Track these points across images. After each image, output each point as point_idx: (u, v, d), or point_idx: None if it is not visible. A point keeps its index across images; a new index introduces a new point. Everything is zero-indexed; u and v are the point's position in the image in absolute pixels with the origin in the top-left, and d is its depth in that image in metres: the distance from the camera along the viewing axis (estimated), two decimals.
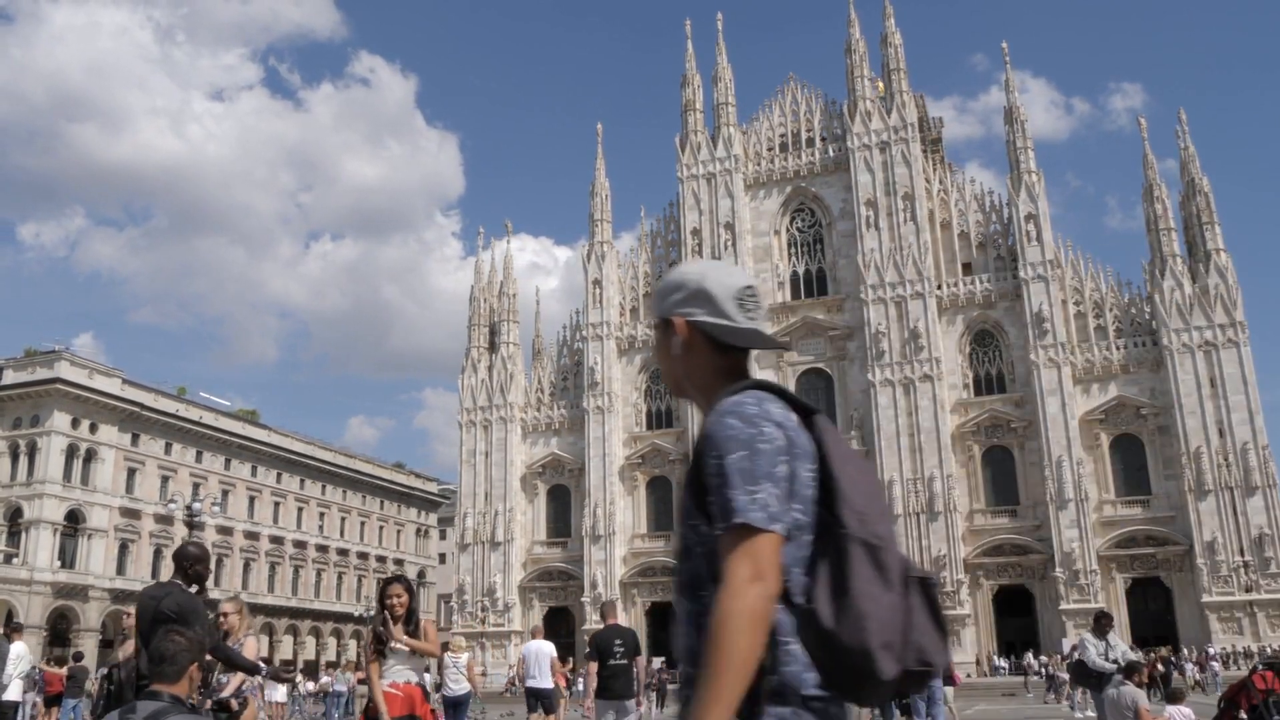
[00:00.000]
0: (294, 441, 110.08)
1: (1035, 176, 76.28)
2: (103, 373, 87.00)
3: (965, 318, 76.52)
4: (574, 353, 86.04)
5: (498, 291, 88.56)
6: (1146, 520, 69.59)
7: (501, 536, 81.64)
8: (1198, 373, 69.61)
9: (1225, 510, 66.77)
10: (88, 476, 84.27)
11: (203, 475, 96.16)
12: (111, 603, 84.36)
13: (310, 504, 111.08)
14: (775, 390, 2.72)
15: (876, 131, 79.96)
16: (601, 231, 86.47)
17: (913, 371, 74.39)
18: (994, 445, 74.09)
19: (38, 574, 78.42)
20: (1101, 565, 68.73)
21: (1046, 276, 73.46)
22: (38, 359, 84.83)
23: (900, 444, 73.70)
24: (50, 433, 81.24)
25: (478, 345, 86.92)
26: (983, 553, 71.80)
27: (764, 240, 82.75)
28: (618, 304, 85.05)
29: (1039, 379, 71.93)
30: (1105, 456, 71.57)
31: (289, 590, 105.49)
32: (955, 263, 78.20)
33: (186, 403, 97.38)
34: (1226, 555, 65.92)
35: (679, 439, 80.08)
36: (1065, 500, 69.38)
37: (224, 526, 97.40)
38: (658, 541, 79.67)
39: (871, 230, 78.17)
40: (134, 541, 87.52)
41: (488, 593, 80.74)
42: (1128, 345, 72.60)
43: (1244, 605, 65.02)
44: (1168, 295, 71.22)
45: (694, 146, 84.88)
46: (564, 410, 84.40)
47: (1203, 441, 68.05)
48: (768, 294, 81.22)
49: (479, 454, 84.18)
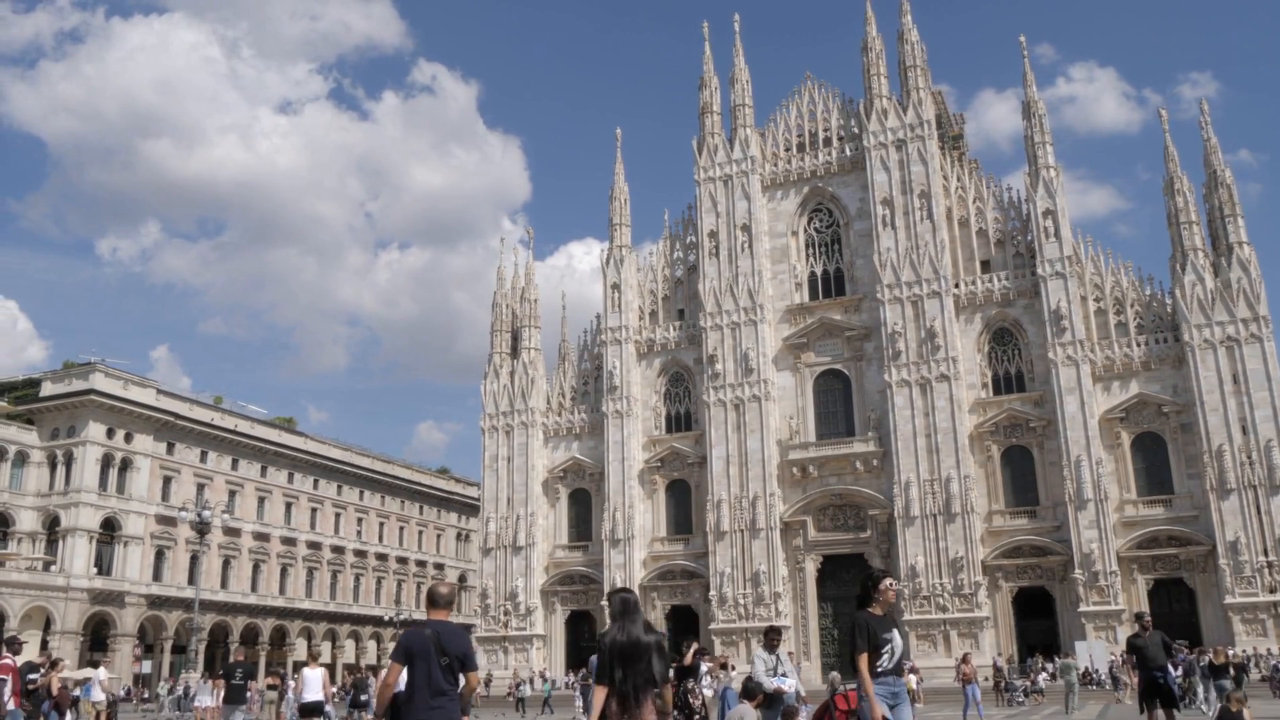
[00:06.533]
0: (330, 448, 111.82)
1: (1053, 172, 75.05)
2: (137, 383, 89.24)
3: (984, 316, 75.50)
4: (594, 357, 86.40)
5: (520, 297, 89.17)
6: (1169, 520, 68.09)
7: (523, 541, 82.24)
8: (1220, 369, 67.97)
9: (1248, 509, 65.12)
10: (123, 485, 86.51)
11: (239, 482, 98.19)
12: (148, 609, 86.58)
13: (348, 509, 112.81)
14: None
15: (893, 130, 79.22)
16: (620, 235, 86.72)
17: (930, 371, 73.61)
18: (1013, 445, 72.98)
19: (74, 581, 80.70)
20: (1123, 566, 67.45)
21: (1065, 273, 72.23)
22: (74, 371, 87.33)
23: (917, 445, 72.95)
24: (86, 443, 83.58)
25: (500, 351, 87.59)
26: (1001, 554, 70.81)
27: (781, 241, 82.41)
28: (637, 308, 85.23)
29: (1057, 377, 70.77)
30: (1126, 455, 70.18)
31: (327, 595, 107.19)
32: (974, 261, 77.19)
33: (222, 411, 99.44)
34: (1250, 555, 64.32)
35: (697, 442, 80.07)
36: (1085, 500, 68.19)
37: (260, 533, 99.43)
38: (677, 545, 79.80)
39: (888, 229, 77.47)
40: (170, 548, 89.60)
41: (510, 597, 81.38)
42: (1149, 342, 71.13)
43: (1268, 606, 63.37)
44: (1189, 290, 69.66)
45: (711, 149, 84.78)
46: (584, 415, 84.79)
47: (1225, 439, 66.43)
48: (785, 295, 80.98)
49: (501, 459, 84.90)
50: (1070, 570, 68.04)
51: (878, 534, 74.05)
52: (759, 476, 76.33)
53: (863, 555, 74.46)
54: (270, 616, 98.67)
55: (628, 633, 9.24)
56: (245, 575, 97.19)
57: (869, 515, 74.52)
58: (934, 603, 69.63)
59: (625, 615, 9.36)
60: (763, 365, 78.40)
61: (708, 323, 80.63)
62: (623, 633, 9.23)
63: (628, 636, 9.21)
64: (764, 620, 72.97)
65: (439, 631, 9.44)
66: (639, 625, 9.33)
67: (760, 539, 75.13)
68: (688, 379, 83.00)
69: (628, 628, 9.27)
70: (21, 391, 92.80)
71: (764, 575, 74.08)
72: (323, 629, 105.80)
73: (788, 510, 75.86)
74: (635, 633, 9.26)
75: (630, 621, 9.31)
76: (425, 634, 9.37)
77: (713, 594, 75.37)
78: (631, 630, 9.26)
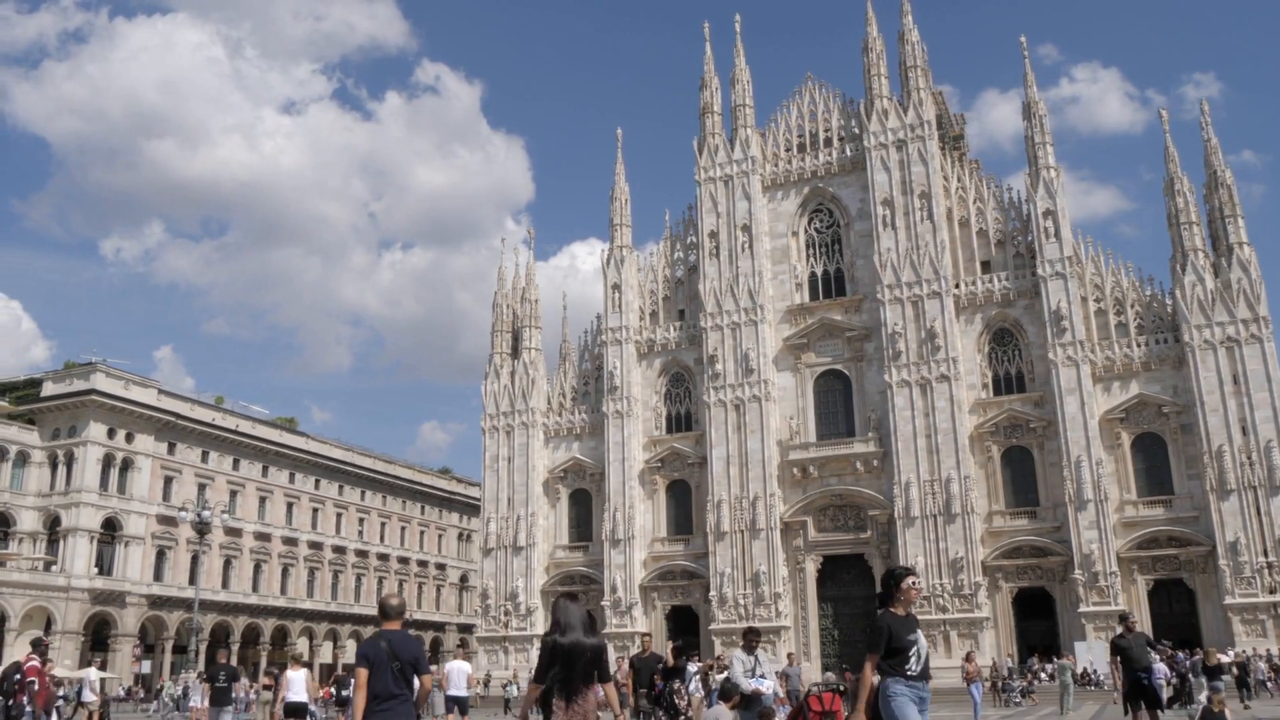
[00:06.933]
0: (332, 448, 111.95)
1: (1054, 172, 75.01)
2: (138, 383, 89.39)
3: (984, 316, 75.47)
4: (595, 357, 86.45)
5: (520, 297, 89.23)
6: (1169, 521, 68.02)
7: (524, 541, 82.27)
8: (1220, 369, 67.91)
9: (1248, 510, 65.04)
10: (124, 485, 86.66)
11: (240, 483, 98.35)
12: (149, 609, 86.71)
13: (349, 510, 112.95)
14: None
15: (893, 130, 79.21)
16: (621, 236, 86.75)
17: (930, 372, 73.59)
18: (1013, 445, 72.94)
19: (75, 581, 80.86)
20: (1123, 567, 67.40)
21: (1065, 274, 72.19)
22: (75, 371, 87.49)
23: (917, 445, 72.93)
24: (87, 443, 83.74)
25: (500, 351, 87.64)
26: (1001, 555, 70.79)
27: (781, 242, 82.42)
28: (637, 308, 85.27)
29: (1057, 378, 70.73)
30: (1126, 456, 70.13)
31: (329, 595, 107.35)
32: (974, 261, 77.16)
33: (223, 411, 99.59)
34: (1250, 556, 64.22)
35: (697, 442, 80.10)
36: (1085, 501, 68.15)
37: (261, 533, 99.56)
38: (677, 545, 79.82)
39: (888, 230, 77.47)
40: (171, 548, 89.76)
41: (510, 597, 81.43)
42: (1149, 342, 71.08)
43: (1267, 607, 63.25)
44: (1189, 290, 69.61)
45: (711, 149, 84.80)
46: (585, 415, 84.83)
47: (1225, 440, 66.35)
48: (785, 295, 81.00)
49: (502, 459, 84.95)
50: (1070, 571, 68.00)
51: (878, 534, 74.06)
52: (759, 477, 76.35)
53: (863, 556, 74.55)
54: (271, 617, 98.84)
55: (571, 636, 9.72)
56: (246, 575, 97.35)
57: (869, 516, 74.52)
58: (934, 603, 69.60)
59: (569, 619, 9.83)
60: (763, 366, 78.42)
61: (708, 323, 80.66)
62: (565, 636, 9.72)
63: (570, 640, 9.70)
64: (764, 621, 73.05)
65: (391, 640, 10.30)
66: (581, 629, 9.79)
67: (760, 539, 75.14)
68: (688, 379, 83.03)
69: (570, 631, 9.74)
70: (23, 391, 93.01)
71: (764, 576, 74.08)
72: (324, 629, 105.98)
73: (788, 511, 75.87)
74: (577, 636, 9.73)
75: (572, 626, 9.78)
76: (380, 643, 10.26)
77: (713, 594, 75.37)
78: (574, 634, 9.73)
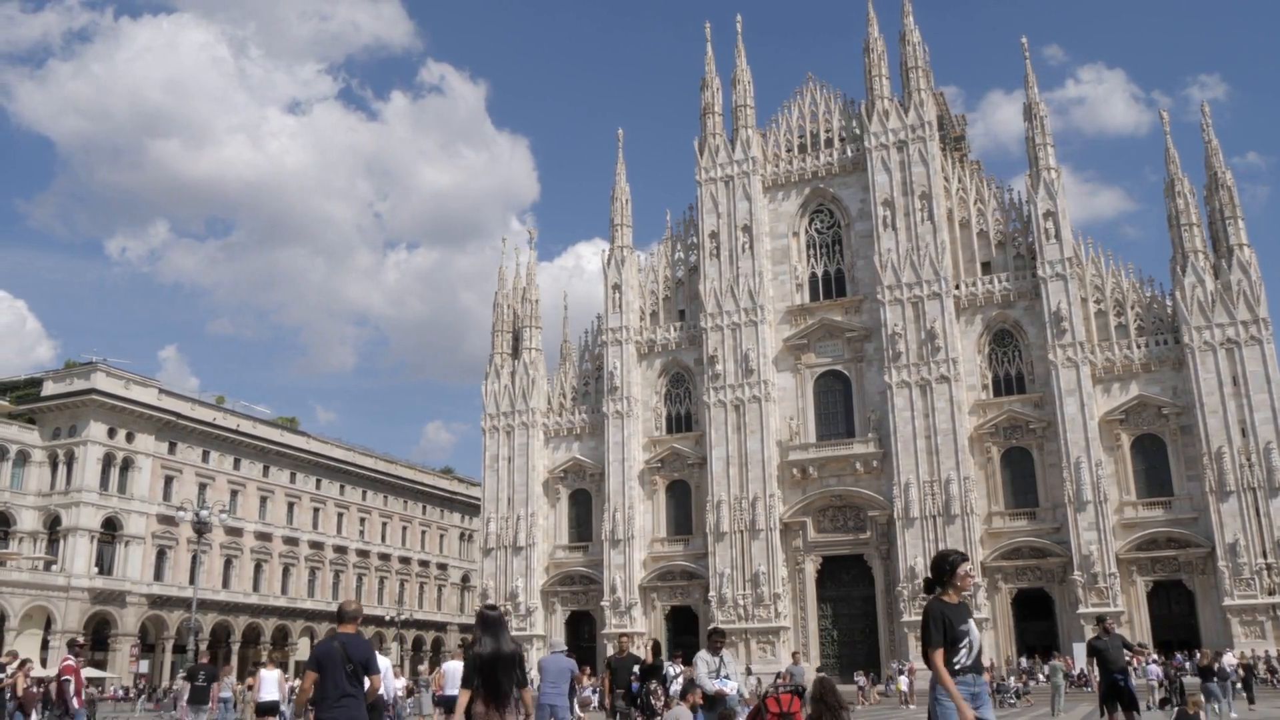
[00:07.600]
0: (333, 448, 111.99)
1: (1054, 173, 75.01)
2: (139, 383, 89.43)
3: (984, 317, 75.48)
4: (595, 358, 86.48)
5: (521, 297, 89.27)
6: (1168, 522, 68.02)
7: (524, 541, 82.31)
8: (1219, 371, 67.91)
9: (1248, 511, 65.03)
10: (125, 485, 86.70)
11: (241, 482, 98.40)
12: (149, 608, 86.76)
13: (350, 510, 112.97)
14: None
15: (894, 131, 79.23)
16: (622, 236, 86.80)
17: (930, 373, 73.60)
18: (1013, 446, 72.95)
19: (75, 580, 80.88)
20: (1122, 568, 67.40)
21: (1065, 275, 72.19)
22: (75, 370, 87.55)
23: (917, 446, 72.94)
24: (87, 442, 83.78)
25: (501, 351, 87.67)
26: (1001, 555, 70.79)
27: (782, 242, 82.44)
28: (638, 308, 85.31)
29: (1057, 379, 70.73)
30: (1126, 457, 70.13)
31: (330, 595, 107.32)
32: (974, 262, 77.17)
33: (224, 411, 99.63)
34: (1249, 557, 64.21)
35: (697, 443, 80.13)
36: (1084, 502, 68.16)
37: (262, 532, 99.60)
38: (677, 545, 79.85)
39: (889, 230, 77.49)
40: (171, 548, 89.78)
41: (510, 597, 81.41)
42: (1149, 344, 71.09)
43: (1266, 608, 63.26)
44: (1189, 292, 69.61)
45: (712, 149, 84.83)
46: (585, 415, 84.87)
47: (1225, 441, 66.34)
48: (785, 296, 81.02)
49: (502, 459, 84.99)
50: (1069, 572, 68.02)
51: (877, 535, 74.09)
52: (759, 477, 76.38)
53: (862, 556, 74.61)
54: (272, 616, 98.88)
55: (493, 645, 10.16)
56: (247, 575, 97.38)
57: (869, 516, 74.54)
58: None
59: (491, 629, 10.27)
60: (763, 366, 78.44)
61: (708, 323, 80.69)
62: (488, 646, 10.15)
63: (493, 649, 10.13)
64: (763, 621, 73.16)
65: (345, 642, 10.76)
66: (503, 639, 10.25)
67: (760, 540, 75.16)
68: (688, 380, 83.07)
69: (490, 641, 10.18)
70: (23, 391, 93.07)
71: (764, 576, 74.09)
72: (325, 629, 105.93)
73: (787, 511, 75.89)
74: (500, 645, 10.18)
75: (494, 635, 10.23)
76: (334, 645, 10.71)
77: (712, 595, 75.37)
78: (496, 643, 10.18)
